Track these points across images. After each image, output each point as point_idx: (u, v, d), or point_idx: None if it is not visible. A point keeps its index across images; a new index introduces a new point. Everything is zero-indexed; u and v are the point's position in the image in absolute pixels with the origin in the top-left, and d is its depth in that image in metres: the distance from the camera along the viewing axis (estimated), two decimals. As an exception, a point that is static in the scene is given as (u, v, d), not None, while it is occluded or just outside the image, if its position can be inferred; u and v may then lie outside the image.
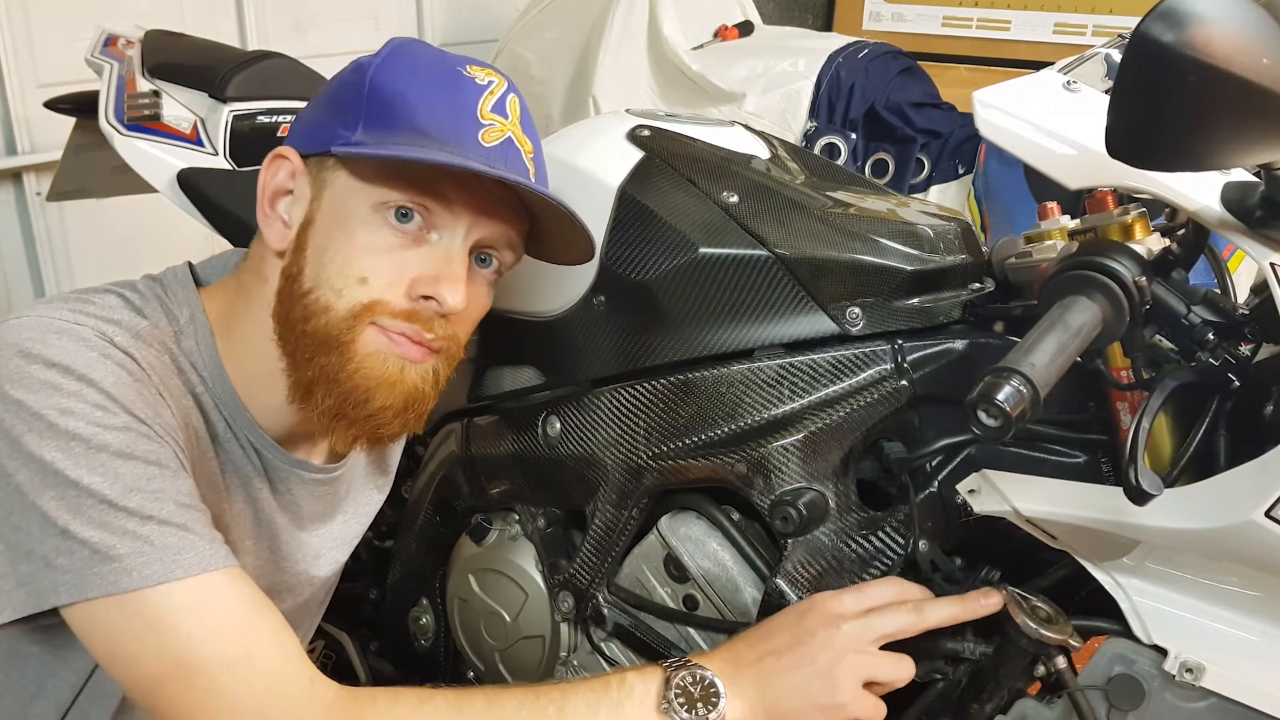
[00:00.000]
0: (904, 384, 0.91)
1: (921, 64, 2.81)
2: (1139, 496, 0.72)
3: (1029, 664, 0.85)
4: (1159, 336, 0.80)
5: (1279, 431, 0.73)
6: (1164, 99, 0.61)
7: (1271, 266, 0.72)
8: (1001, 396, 0.64)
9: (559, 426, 1.06)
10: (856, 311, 0.93)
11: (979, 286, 0.99)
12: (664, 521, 1.02)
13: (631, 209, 1.00)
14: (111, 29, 1.46)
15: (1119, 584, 0.83)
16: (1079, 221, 0.88)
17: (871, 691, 0.83)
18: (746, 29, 2.96)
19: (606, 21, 2.64)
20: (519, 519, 1.15)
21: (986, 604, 0.84)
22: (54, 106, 1.51)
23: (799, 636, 0.84)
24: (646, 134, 1.06)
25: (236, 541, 0.89)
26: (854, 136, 2.58)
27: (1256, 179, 0.75)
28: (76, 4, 2.18)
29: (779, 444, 0.93)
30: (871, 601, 0.86)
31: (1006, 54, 3.40)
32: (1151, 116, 0.63)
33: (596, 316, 1.03)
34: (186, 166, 1.26)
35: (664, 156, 1.03)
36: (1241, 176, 0.78)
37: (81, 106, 1.45)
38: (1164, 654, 0.80)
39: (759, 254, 0.94)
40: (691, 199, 0.99)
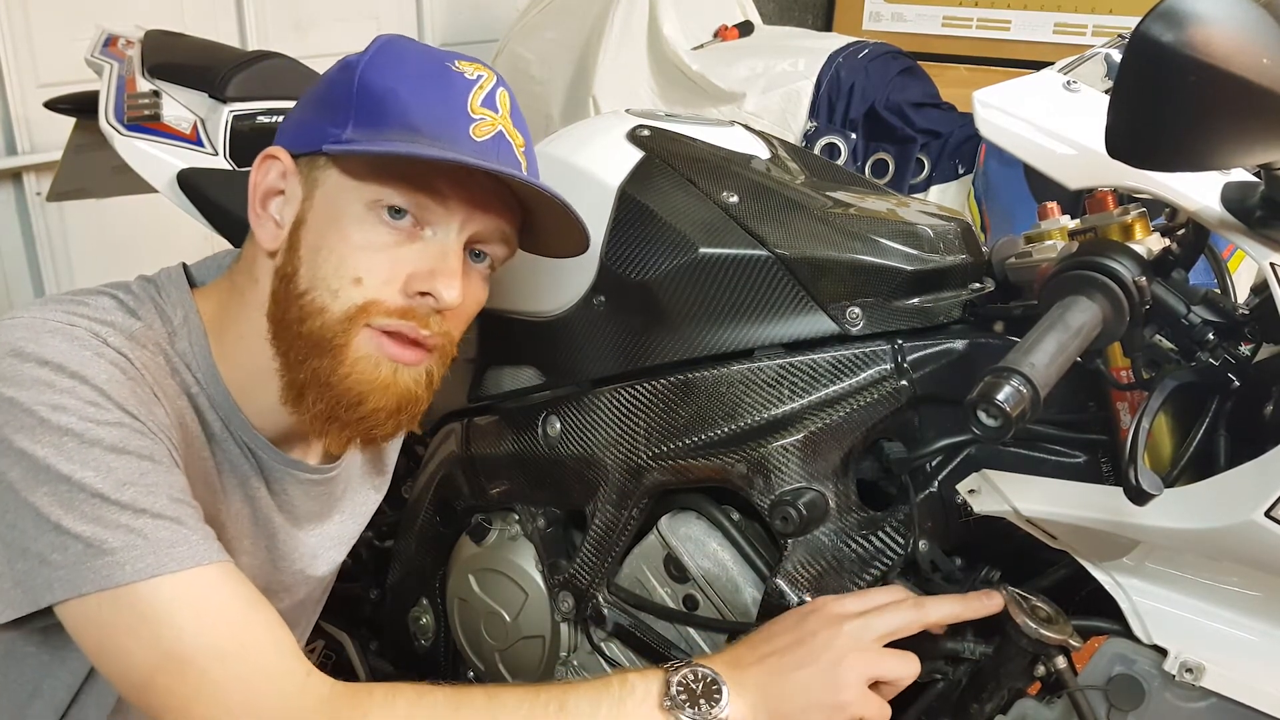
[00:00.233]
0: (904, 384, 0.91)
1: (921, 64, 2.81)
2: (1139, 496, 0.72)
3: (1029, 664, 0.85)
4: (1159, 336, 0.80)
5: (1279, 431, 0.73)
6: (1164, 99, 0.61)
7: (1271, 266, 0.72)
8: (1001, 396, 0.64)
9: (559, 426, 1.06)
10: (856, 311, 0.93)
11: (979, 286, 0.99)
12: (664, 521, 1.02)
13: (631, 209, 1.00)
14: (111, 29, 1.46)
15: (1119, 584, 0.83)
16: (1079, 221, 0.88)
17: (877, 692, 0.83)
18: (746, 29, 2.95)
19: (606, 21, 2.64)
20: (519, 519, 1.15)
21: (987, 604, 0.84)
22: (54, 106, 1.51)
23: (801, 637, 0.84)
24: (646, 134, 1.06)
25: (234, 540, 0.89)
26: (854, 136, 2.58)
27: (1256, 179, 0.75)
28: (76, 4, 2.18)
29: (779, 444, 0.93)
30: (872, 602, 0.86)
31: (1006, 54, 3.40)
32: (1151, 116, 0.63)
33: (596, 316, 1.03)
34: (186, 166, 1.26)
35: (664, 156, 1.03)
36: (1241, 176, 0.78)
37: (81, 106, 1.45)
38: (1164, 654, 0.80)
39: (759, 254, 0.94)
40: (691, 199, 0.99)
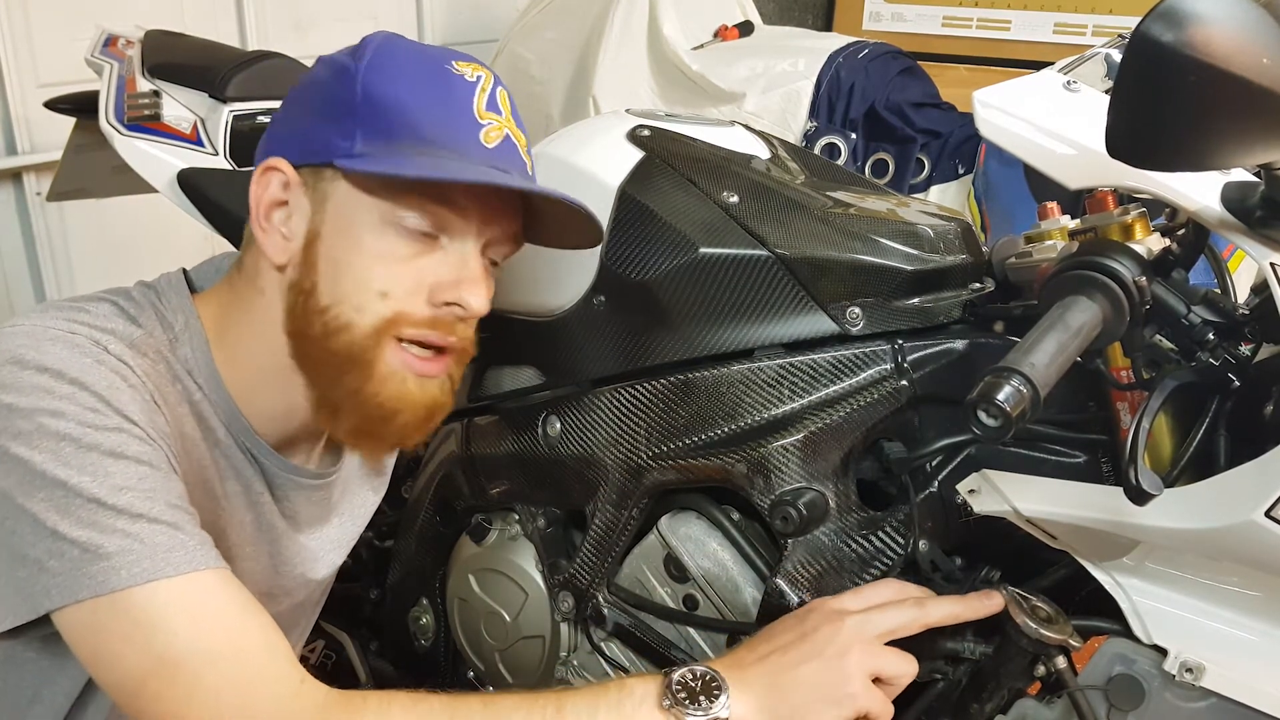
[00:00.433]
0: (904, 384, 0.91)
1: (921, 64, 2.81)
2: (1139, 496, 0.72)
3: (1029, 664, 0.85)
4: (1159, 336, 0.80)
5: (1279, 431, 0.73)
6: (1164, 99, 0.61)
7: (1271, 266, 0.72)
8: (1001, 396, 0.64)
9: (559, 426, 1.06)
10: (856, 311, 0.93)
11: (979, 286, 0.99)
12: (664, 521, 1.02)
13: (631, 209, 0.99)
14: (111, 29, 1.46)
15: (1119, 584, 0.83)
16: (1079, 221, 0.88)
17: (878, 689, 0.83)
18: (746, 29, 2.95)
19: (606, 21, 2.64)
20: (519, 519, 1.15)
21: (987, 604, 0.84)
22: (54, 106, 1.50)
23: (803, 633, 0.83)
24: (646, 134, 1.05)
25: (236, 546, 0.88)
26: (854, 136, 2.58)
27: (1256, 179, 0.75)
28: (76, 4, 2.18)
29: (779, 444, 0.93)
30: (872, 600, 0.86)
31: (1006, 54, 3.40)
32: (1151, 116, 0.63)
33: (596, 316, 1.03)
34: (186, 166, 1.26)
35: (664, 156, 1.03)
36: (1241, 176, 0.78)
37: (81, 106, 1.45)
38: (1164, 654, 0.80)
39: (759, 254, 0.94)
40: (691, 199, 0.99)
